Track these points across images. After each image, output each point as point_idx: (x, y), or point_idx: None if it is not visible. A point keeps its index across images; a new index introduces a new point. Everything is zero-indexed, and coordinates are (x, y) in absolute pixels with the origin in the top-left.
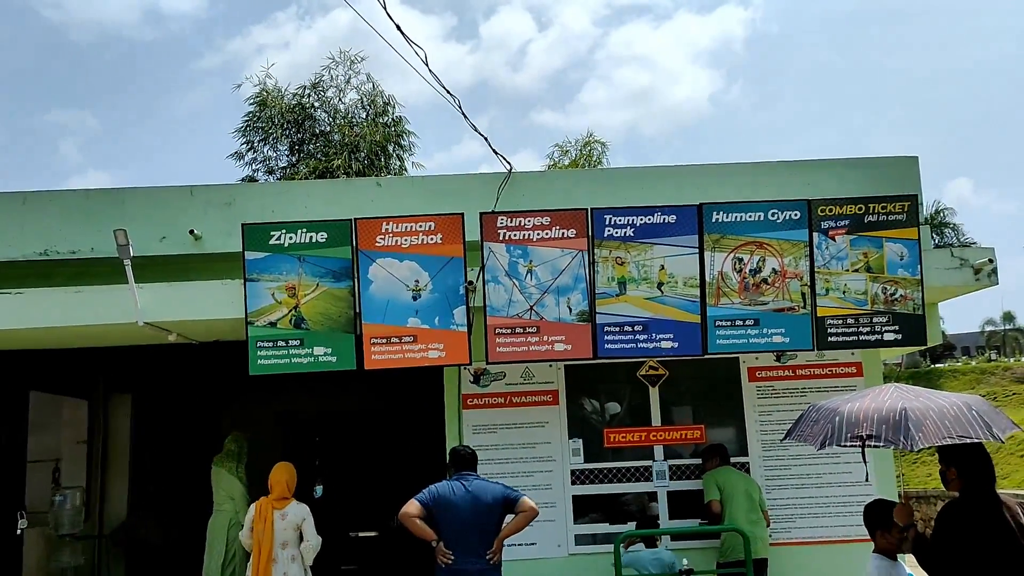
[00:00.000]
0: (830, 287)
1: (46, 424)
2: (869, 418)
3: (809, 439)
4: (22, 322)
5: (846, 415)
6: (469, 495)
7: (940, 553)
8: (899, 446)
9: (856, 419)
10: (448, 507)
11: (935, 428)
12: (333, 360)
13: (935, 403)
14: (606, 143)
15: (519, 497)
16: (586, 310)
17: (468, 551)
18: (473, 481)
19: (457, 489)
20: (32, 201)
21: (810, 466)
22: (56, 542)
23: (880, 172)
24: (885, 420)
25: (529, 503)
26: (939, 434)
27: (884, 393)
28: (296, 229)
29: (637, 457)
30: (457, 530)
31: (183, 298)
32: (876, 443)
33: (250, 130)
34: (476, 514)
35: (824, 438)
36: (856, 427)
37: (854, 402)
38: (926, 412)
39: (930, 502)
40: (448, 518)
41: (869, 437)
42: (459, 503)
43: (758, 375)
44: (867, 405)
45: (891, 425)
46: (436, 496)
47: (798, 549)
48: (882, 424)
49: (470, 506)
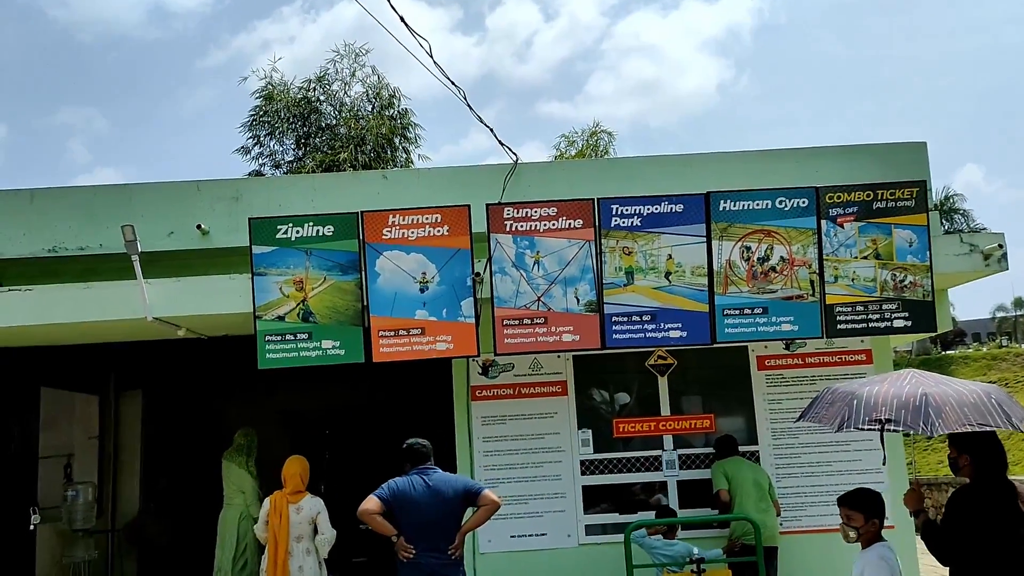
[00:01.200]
0: (839, 274)
1: (57, 420)
2: (888, 402)
3: (825, 421)
4: (32, 319)
5: (864, 398)
6: (429, 489)
7: (950, 539)
8: (918, 431)
9: (875, 402)
10: (408, 502)
11: (955, 415)
12: (341, 353)
13: (954, 390)
14: (613, 133)
15: (481, 490)
16: (594, 300)
17: (429, 546)
18: (433, 475)
19: (417, 484)
20: (40, 199)
21: (820, 454)
22: (70, 537)
23: (888, 158)
24: (905, 405)
25: (491, 496)
26: (959, 421)
27: (903, 378)
28: (303, 223)
29: (647, 447)
30: (418, 525)
31: (191, 293)
32: (895, 427)
33: (256, 125)
34: (437, 508)
35: (841, 420)
36: (874, 410)
37: (872, 386)
38: (946, 398)
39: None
40: (408, 513)
41: (888, 421)
42: (419, 498)
43: (767, 363)
44: (886, 389)
45: (911, 410)
46: (395, 491)
47: (809, 537)
48: (901, 409)
49: (430, 500)
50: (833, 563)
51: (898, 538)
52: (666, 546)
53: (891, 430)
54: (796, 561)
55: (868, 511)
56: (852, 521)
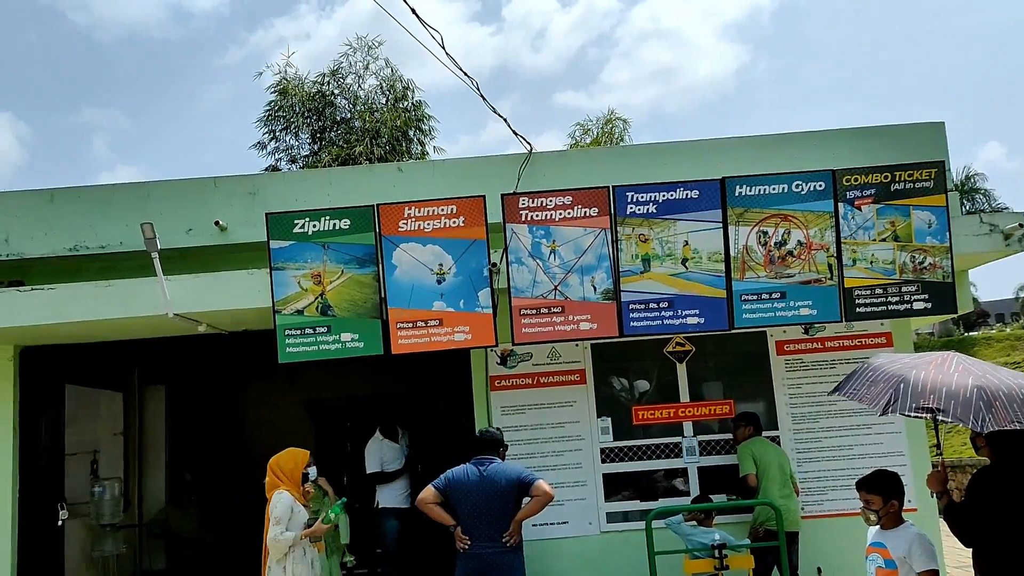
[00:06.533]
0: (857, 257)
1: (83, 417)
2: (937, 391)
3: (867, 400)
4: (55, 317)
5: (912, 383)
6: (483, 479)
7: (971, 519)
8: (967, 425)
9: (923, 389)
10: (462, 491)
11: (1004, 412)
12: (360, 346)
13: (1003, 382)
14: (628, 120)
15: (534, 480)
16: (611, 288)
17: (484, 535)
18: (489, 465)
19: (472, 473)
20: (60, 198)
21: (841, 438)
22: (98, 532)
23: (906, 140)
24: (955, 396)
25: (544, 487)
26: (1007, 417)
27: (948, 363)
28: (319, 217)
29: (666, 434)
30: (472, 514)
31: (211, 289)
32: (944, 418)
33: (272, 120)
34: (490, 498)
35: (887, 403)
36: (922, 397)
37: (919, 369)
38: (996, 393)
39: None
40: (463, 502)
41: (938, 411)
42: (473, 487)
43: (786, 348)
44: (933, 375)
45: (961, 401)
46: (451, 481)
47: (831, 521)
48: (951, 399)
49: (484, 490)
50: (856, 547)
51: (921, 520)
52: (703, 533)
53: (941, 420)
54: (819, 545)
55: (886, 493)
56: (871, 504)
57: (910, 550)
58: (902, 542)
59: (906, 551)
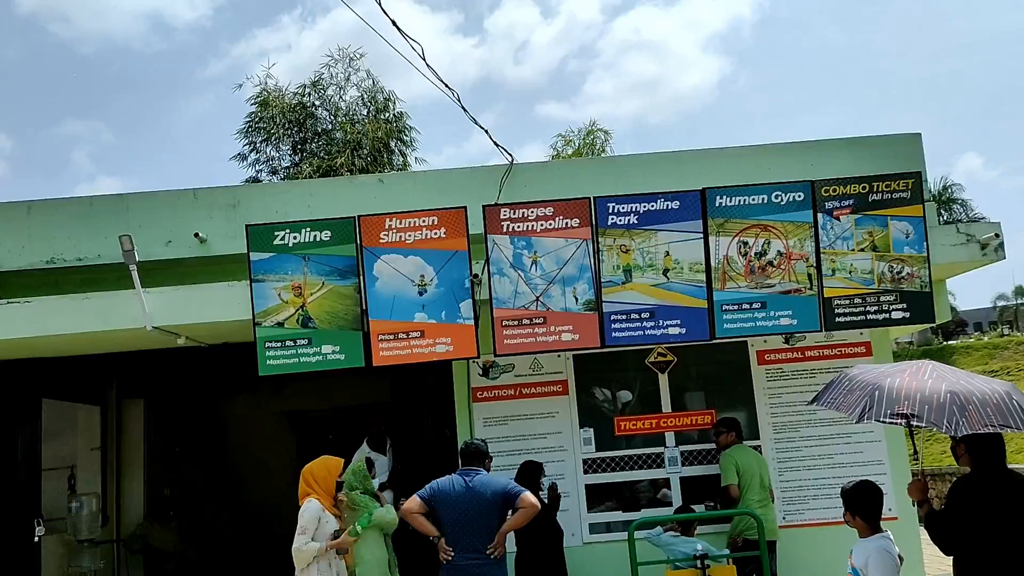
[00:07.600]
0: (836, 267)
1: (60, 431)
2: (911, 397)
3: (843, 408)
4: (32, 331)
5: (886, 390)
6: (469, 491)
7: (952, 528)
8: (942, 430)
9: (897, 396)
10: (447, 502)
11: (978, 415)
12: (341, 358)
13: (976, 388)
14: (609, 132)
15: (520, 493)
16: (592, 299)
17: (468, 547)
18: (475, 477)
19: (457, 484)
20: (37, 210)
21: (823, 447)
22: (75, 547)
23: (883, 150)
24: (929, 401)
25: (530, 499)
26: (981, 421)
27: (923, 371)
28: (300, 228)
29: (649, 444)
30: (457, 526)
31: (190, 301)
32: (919, 423)
33: (252, 131)
34: (475, 509)
35: (862, 410)
36: (897, 404)
37: (893, 377)
38: (969, 397)
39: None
40: (448, 513)
41: (912, 416)
42: (458, 499)
43: (767, 358)
44: (908, 383)
45: (935, 407)
46: (436, 491)
47: (811, 531)
48: (925, 404)
49: (469, 502)
50: (836, 556)
51: (902, 529)
52: (684, 543)
53: (915, 426)
54: (799, 555)
55: (848, 506)
56: (846, 515)
57: (867, 562)
58: (863, 553)
59: (864, 562)
